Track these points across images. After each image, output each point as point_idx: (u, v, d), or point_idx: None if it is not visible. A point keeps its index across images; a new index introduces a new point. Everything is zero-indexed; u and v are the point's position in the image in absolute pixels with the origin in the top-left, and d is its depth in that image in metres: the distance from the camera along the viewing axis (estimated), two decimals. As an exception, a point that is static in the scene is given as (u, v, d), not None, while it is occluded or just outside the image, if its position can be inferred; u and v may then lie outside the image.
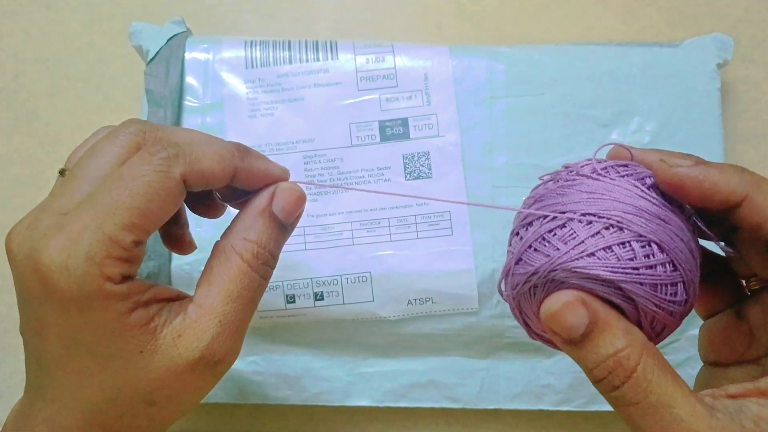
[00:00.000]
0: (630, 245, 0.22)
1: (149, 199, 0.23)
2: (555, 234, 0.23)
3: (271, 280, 0.36)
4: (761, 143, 0.43)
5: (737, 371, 0.26)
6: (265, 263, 0.26)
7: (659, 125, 0.38)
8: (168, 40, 0.38)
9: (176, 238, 0.30)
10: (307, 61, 0.38)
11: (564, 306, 0.22)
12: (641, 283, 0.22)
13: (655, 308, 0.22)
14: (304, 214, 0.37)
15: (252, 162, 0.26)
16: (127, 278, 0.23)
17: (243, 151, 0.26)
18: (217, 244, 0.26)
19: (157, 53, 0.38)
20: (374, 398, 0.38)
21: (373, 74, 0.38)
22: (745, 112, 0.44)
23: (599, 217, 0.22)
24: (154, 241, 0.36)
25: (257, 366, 0.38)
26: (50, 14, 0.45)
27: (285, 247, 0.36)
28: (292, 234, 0.37)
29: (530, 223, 0.24)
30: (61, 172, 0.26)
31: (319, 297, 0.36)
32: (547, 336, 0.24)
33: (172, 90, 0.38)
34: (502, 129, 0.38)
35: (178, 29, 0.39)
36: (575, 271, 0.22)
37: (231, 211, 0.29)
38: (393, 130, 0.38)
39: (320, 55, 0.38)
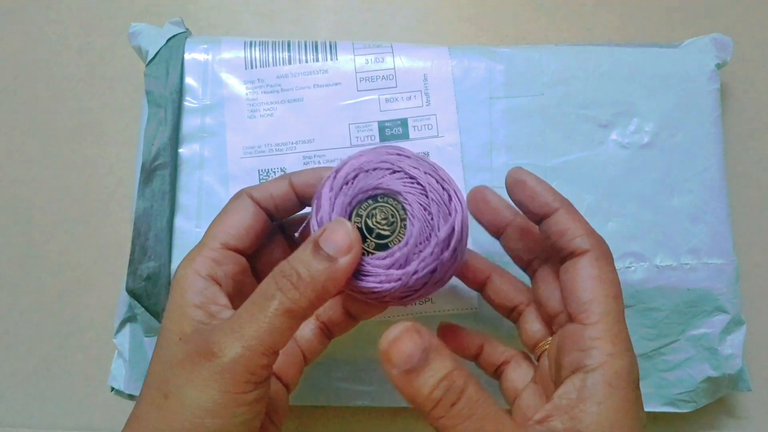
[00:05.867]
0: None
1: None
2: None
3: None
4: (760, 143, 0.44)
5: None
6: (286, 277, 0.25)
7: (658, 126, 0.38)
8: (167, 41, 0.38)
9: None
10: (306, 61, 0.38)
11: (403, 332, 0.23)
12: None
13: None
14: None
15: (303, 171, 0.31)
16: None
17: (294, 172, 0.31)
18: None
19: (156, 54, 0.38)
20: (374, 398, 0.38)
21: (373, 75, 0.38)
22: (744, 112, 0.44)
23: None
24: (155, 242, 0.36)
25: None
26: (50, 14, 0.45)
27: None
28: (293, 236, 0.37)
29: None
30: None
31: (318, 297, 0.36)
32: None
33: (172, 91, 0.38)
34: (501, 129, 0.38)
35: (178, 30, 0.39)
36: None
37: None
38: (392, 131, 0.38)
39: (320, 55, 0.38)
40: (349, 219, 0.28)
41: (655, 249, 0.37)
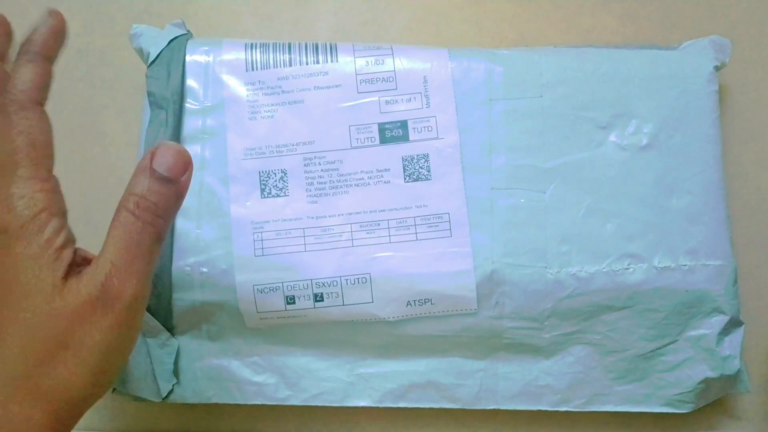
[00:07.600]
0: None
1: None
2: None
3: (270, 281, 0.36)
4: (759, 145, 0.44)
5: None
6: (146, 209, 0.28)
7: (657, 127, 0.39)
8: (169, 43, 0.38)
9: None
10: (307, 63, 0.38)
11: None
12: None
13: None
14: (303, 216, 0.37)
15: None
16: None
17: None
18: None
19: (158, 55, 0.38)
20: (374, 399, 0.38)
21: (373, 77, 0.38)
22: (743, 114, 0.44)
23: None
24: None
25: (257, 366, 0.38)
26: (50, 15, 0.45)
27: (285, 249, 0.37)
28: (293, 236, 0.37)
29: None
30: None
31: (318, 298, 0.37)
32: None
33: (173, 92, 0.38)
34: (500, 131, 0.38)
35: (179, 31, 0.39)
36: None
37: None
38: (392, 132, 0.38)
39: (320, 57, 0.39)
40: None
41: (654, 250, 0.37)
